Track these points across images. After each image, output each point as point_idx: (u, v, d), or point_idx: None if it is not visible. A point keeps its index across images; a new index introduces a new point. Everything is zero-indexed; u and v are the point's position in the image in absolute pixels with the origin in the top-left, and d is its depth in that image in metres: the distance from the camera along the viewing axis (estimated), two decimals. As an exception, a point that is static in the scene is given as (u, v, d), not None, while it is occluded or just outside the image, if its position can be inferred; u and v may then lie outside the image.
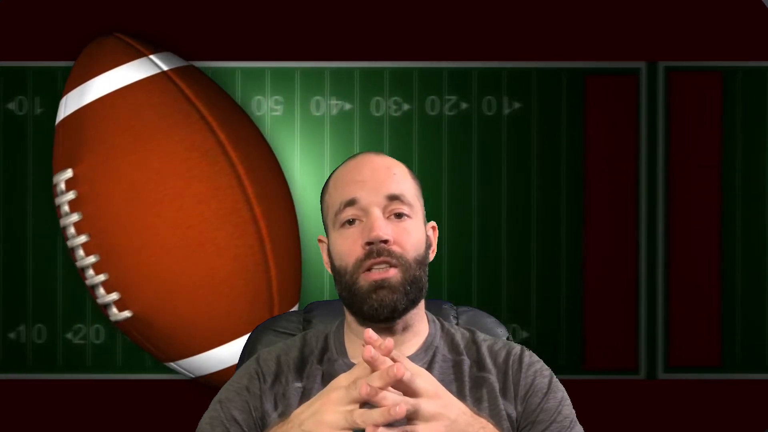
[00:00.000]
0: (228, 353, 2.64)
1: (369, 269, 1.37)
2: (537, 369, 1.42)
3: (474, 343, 1.45)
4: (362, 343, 1.22)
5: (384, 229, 1.36)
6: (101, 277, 2.62)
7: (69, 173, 2.61)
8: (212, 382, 2.66)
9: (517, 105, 2.95)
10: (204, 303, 2.64)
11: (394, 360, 1.20)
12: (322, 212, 1.49)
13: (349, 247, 1.38)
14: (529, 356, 1.44)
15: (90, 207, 2.62)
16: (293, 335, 1.60)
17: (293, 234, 2.82)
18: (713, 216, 2.94)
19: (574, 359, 2.94)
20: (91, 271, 2.62)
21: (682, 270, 2.95)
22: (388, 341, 1.21)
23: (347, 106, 2.95)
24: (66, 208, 2.62)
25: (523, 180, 2.96)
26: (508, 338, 1.68)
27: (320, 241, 1.51)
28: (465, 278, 2.95)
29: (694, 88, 2.95)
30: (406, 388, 1.19)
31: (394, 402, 1.15)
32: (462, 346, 1.45)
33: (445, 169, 2.96)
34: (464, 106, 2.96)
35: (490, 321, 1.71)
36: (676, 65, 2.95)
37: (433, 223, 1.50)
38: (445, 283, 2.95)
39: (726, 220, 2.94)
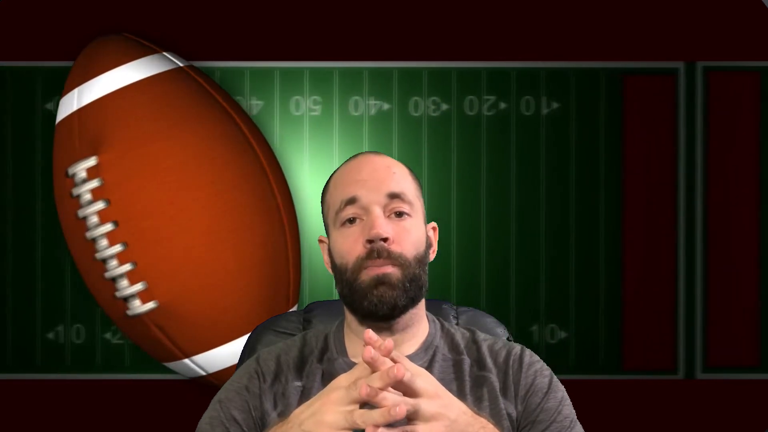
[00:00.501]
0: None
1: (369, 267, 1.37)
2: (537, 369, 1.42)
3: (474, 343, 1.46)
4: (363, 343, 1.22)
5: (384, 227, 1.37)
6: (126, 267, 2.58)
7: (92, 161, 2.57)
8: (220, 381, 2.63)
9: (555, 105, 2.95)
10: (232, 290, 2.64)
11: (394, 360, 1.21)
12: (322, 212, 1.49)
13: (350, 245, 1.39)
14: (530, 356, 1.44)
15: (118, 194, 2.58)
16: (293, 335, 1.61)
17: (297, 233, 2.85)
18: (752, 216, 2.94)
19: (612, 359, 2.93)
20: (114, 262, 2.57)
21: (721, 269, 2.95)
22: (388, 342, 1.21)
23: (386, 106, 2.95)
24: (88, 196, 2.57)
25: (561, 180, 2.96)
26: (508, 338, 1.68)
27: (321, 241, 1.51)
28: (503, 278, 2.95)
29: (733, 88, 2.95)
30: (406, 389, 1.19)
31: (394, 402, 1.16)
32: (462, 345, 1.45)
33: (484, 169, 2.96)
34: (503, 106, 2.96)
35: (490, 321, 1.71)
36: (715, 65, 2.95)
37: (433, 224, 1.51)
38: (483, 283, 2.95)
39: (765, 219, 2.94)
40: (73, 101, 2.63)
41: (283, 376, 1.41)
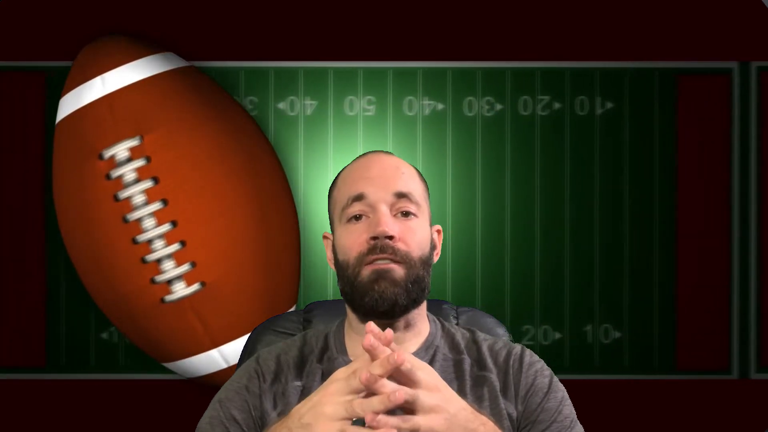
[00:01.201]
0: None
1: (371, 262, 1.37)
2: (537, 369, 1.42)
3: (474, 343, 1.46)
4: (363, 339, 1.21)
5: (390, 225, 1.37)
6: (174, 247, 2.55)
7: (136, 141, 2.55)
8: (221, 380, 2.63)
9: (609, 105, 2.95)
10: (266, 274, 2.67)
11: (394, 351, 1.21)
12: (329, 208, 1.49)
13: (353, 241, 1.39)
14: (530, 356, 1.44)
15: (167, 173, 2.56)
16: (293, 335, 1.61)
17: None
18: (806, 216, 2.95)
19: (666, 360, 2.94)
20: (161, 241, 2.54)
21: (775, 270, 2.96)
22: (388, 332, 1.21)
23: (440, 106, 2.95)
24: (133, 175, 2.55)
25: (615, 180, 2.96)
26: (510, 339, 1.68)
27: (325, 237, 1.51)
28: (557, 277, 2.95)
29: (787, 88, 2.95)
30: (407, 379, 1.18)
31: (393, 389, 1.15)
32: (462, 345, 1.45)
33: (537, 169, 2.96)
34: (557, 106, 2.95)
35: (490, 321, 1.71)
36: (769, 65, 2.96)
37: (438, 227, 1.50)
38: (537, 280, 2.95)
39: (819, 219, 2.95)
40: (93, 90, 2.59)
41: (283, 376, 1.41)
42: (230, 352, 2.65)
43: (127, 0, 2.89)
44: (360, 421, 1.17)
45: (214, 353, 2.65)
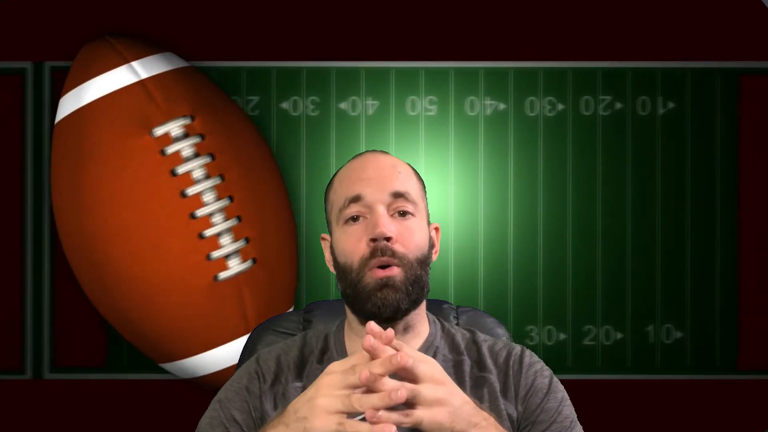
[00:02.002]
0: None
1: (373, 268, 1.36)
2: (537, 369, 1.41)
3: (474, 344, 1.45)
4: (364, 348, 1.20)
5: (388, 226, 1.36)
6: (233, 222, 2.59)
7: (188, 119, 2.59)
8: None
9: (671, 105, 2.95)
10: (292, 261, 2.79)
11: (396, 349, 1.20)
12: (325, 209, 1.49)
13: (353, 244, 1.38)
14: (530, 356, 1.44)
15: (221, 148, 2.60)
16: (293, 335, 1.61)
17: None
18: None
19: (728, 359, 2.94)
20: (221, 216, 2.57)
21: (837, 270, 2.96)
22: (389, 331, 1.21)
23: (501, 106, 2.94)
24: (190, 151, 2.57)
25: (677, 179, 2.95)
26: (510, 339, 1.68)
27: (323, 239, 1.50)
28: (619, 277, 2.95)
29: None
30: (409, 374, 1.18)
31: (395, 387, 1.15)
32: (462, 346, 1.45)
33: (599, 169, 2.96)
34: (618, 106, 2.95)
35: (490, 321, 1.70)
36: (831, 64, 2.95)
37: (436, 224, 1.50)
38: (598, 284, 2.95)
39: None
40: (126, 76, 2.59)
41: (283, 377, 1.41)
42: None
43: (127, 0, 2.88)
44: (356, 415, 1.16)
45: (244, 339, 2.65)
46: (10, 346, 2.93)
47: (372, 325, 1.21)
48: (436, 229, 1.50)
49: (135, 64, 2.59)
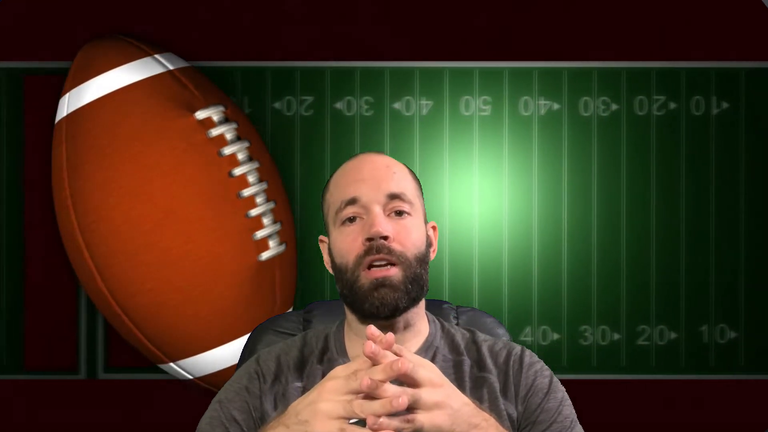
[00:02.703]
0: None
1: (370, 266, 1.37)
2: (537, 369, 1.41)
3: (474, 344, 1.45)
4: (363, 341, 1.21)
5: (384, 225, 1.36)
6: (271, 204, 2.67)
7: (222, 107, 2.67)
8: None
9: (725, 105, 2.95)
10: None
11: (396, 354, 1.20)
12: (322, 211, 1.49)
13: (349, 244, 1.39)
14: (530, 356, 1.44)
15: (253, 137, 2.72)
16: (293, 335, 1.60)
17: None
18: None
19: (782, 359, 2.94)
20: (262, 197, 2.65)
21: None
22: (389, 335, 1.21)
23: (555, 106, 2.94)
24: (234, 134, 2.65)
25: (731, 180, 2.95)
26: (509, 339, 1.67)
27: (321, 241, 1.50)
28: (672, 279, 2.95)
29: None
30: (408, 379, 1.18)
31: (395, 394, 1.15)
32: (462, 346, 1.45)
33: (653, 169, 2.96)
34: (672, 106, 2.95)
35: (490, 321, 1.70)
36: None
37: (433, 223, 1.50)
38: (652, 284, 2.95)
39: None
40: (153, 66, 2.64)
41: (283, 377, 1.41)
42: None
43: (126, 0, 2.88)
44: (358, 420, 1.16)
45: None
46: (64, 346, 2.93)
47: (372, 329, 1.21)
48: (434, 227, 1.49)
49: (159, 56, 2.65)
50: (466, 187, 2.93)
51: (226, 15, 2.93)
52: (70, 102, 2.61)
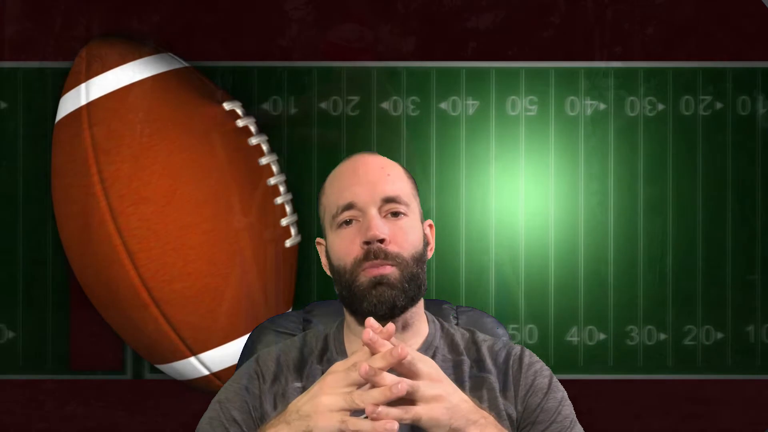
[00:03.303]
0: None
1: (367, 268, 1.37)
2: (537, 369, 1.41)
3: (474, 344, 1.46)
4: (363, 342, 1.21)
5: (381, 228, 1.37)
6: (290, 196, 2.76)
7: (239, 102, 2.75)
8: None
9: (773, 104, 2.96)
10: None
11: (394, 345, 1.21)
12: (319, 213, 1.50)
13: (346, 246, 1.39)
14: (529, 356, 1.44)
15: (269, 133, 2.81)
16: (293, 335, 1.60)
17: None
18: None
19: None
20: (283, 187, 2.75)
21: None
22: (389, 326, 1.22)
23: (602, 106, 2.94)
24: (256, 126, 2.75)
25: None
26: (509, 339, 1.68)
27: (318, 243, 1.51)
28: (719, 278, 2.95)
29: None
30: (408, 371, 1.19)
31: (394, 381, 1.16)
32: (462, 346, 1.45)
33: (699, 168, 2.96)
34: (719, 106, 2.95)
35: (490, 321, 1.70)
36: None
37: (429, 221, 1.50)
38: (729, 279, 2.94)
39: None
40: (170, 61, 2.69)
41: (282, 377, 1.41)
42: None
43: (126, 0, 2.88)
44: (359, 413, 1.16)
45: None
46: (110, 346, 2.93)
47: (371, 320, 1.23)
48: (430, 226, 1.50)
49: (171, 54, 2.72)
50: (512, 188, 2.93)
51: (266, 18, 2.92)
52: (90, 90, 2.60)
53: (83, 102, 2.61)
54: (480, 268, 2.92)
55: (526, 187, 2.93)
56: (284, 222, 2.73)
